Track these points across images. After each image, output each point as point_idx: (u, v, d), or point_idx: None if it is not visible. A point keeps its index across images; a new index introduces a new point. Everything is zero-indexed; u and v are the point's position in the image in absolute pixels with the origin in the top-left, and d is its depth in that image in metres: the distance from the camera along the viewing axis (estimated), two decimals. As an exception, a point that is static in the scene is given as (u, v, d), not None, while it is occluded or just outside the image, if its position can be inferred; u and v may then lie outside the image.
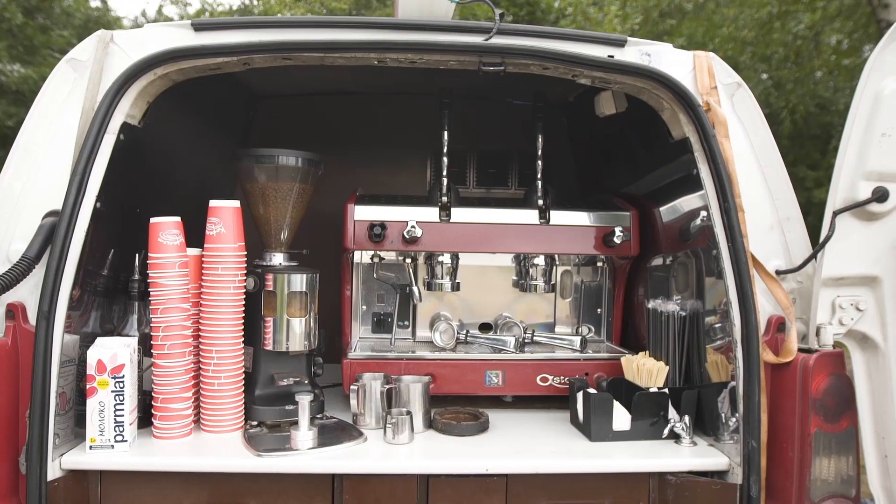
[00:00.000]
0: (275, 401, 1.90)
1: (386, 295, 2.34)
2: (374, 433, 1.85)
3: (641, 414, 1.84)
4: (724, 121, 1.72)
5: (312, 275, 1.92)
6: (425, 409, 1.90)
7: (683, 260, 2.10)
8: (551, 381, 2.10)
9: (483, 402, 2.12)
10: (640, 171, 2.39)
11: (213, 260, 1.82)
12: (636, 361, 1.96)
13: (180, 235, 1.79)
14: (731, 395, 1.79)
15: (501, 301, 2.37)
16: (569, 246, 2.16)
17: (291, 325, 1.89)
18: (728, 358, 1.80)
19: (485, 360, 2.10)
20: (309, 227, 2.16)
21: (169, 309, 1.75)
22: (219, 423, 1.82)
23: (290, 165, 1.98)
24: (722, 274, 1.73)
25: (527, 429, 1.94)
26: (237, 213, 1.86)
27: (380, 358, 2.08)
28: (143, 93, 1.76)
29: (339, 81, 2.72)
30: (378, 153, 2.89)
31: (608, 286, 2.39)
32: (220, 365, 1.82)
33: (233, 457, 1.67)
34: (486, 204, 2.21)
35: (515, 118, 2.79)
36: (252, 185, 1.99)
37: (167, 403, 1.76)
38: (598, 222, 2.17)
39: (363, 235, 2.08)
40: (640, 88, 1.84)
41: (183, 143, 2.35)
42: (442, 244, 2.12)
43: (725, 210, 1.68)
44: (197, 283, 1.86)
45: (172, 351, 1.76)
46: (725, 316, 1.81)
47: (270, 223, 2.01)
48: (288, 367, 1.96)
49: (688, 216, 2.00)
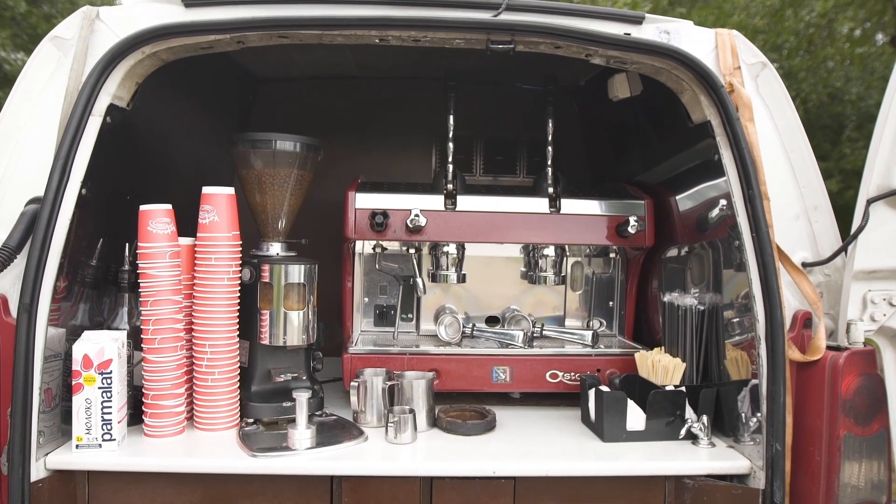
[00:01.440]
0: (272, 397, 1.82)
1: (389, 287, 2.24)
2: (375, 432, 1.76)
3: (657, 413, 1.74)
4: (749, 103, 1.61)
5: (311, 265, 1.83)
6: (429, 407, 1.82)
7: (700, 251, 2.00)
8: (561, 377, 2.00)
9: (490, 399, 2.03)
10: (655, 158, 2.28)
11: (206, 250, 1.73)
12: (651, 358, 1.86)
13: (171, 224, 1.70)
14: (751, 393, 1.70)
15: (509, 293, 2.27)
16: (580, 236, 2.06)
17: (289, 319, 1.80)
18: (749, 354, 1.71)
19: (491, 356, 2.01)
20: (309, 217, 2.07)
21: (159, 301, 1.67)
22: (212, 421, 1.73)
23: (287, 151, 1.88)
24: (745, 266, 1.63)
25: (535, 428, 1.85)
26: (231, 201, 1.76)
27: (382, 353, 1.99)
28: (132, 73, 1.66)
29: (342, 64, 2.61)
30: (382, 140, 2.80)
31: (621, 278, 2.29)
32: (213, 360, 1.73)
33: (226, 457, 1.59)
34: (493, 192, 2.11)
35: (524, 104, 2.70)
36: (248, 171, 1.89)
37: (158, 400, 1.67)
38: (611, 211, 2.07)
39: (364, 224, 1.98)
40: (657, 69, 1.73)
41: (178, 127, 2.25)
42: (447, 234, 2.03)
43: (749, 198, 1.58)
44: (190, 274, 1.78)
45: (163, 345, 1.67)
46: (746, 310, 1.71)
47: (267, 211, 1.92)
48: (286, 362, 1.87)
49: (706, 205, 1.90)
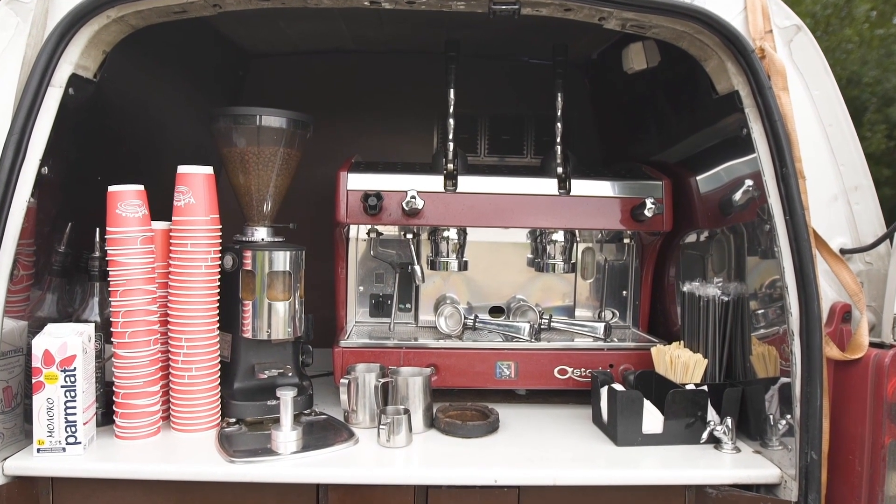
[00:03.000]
0: (256, 395, 1.68)
1: (385, 275, 2.09)
2: (367, 433, 1.62)
3: (676, 415, 1.59)
4: (783, 69, 1.44)
5: (297, 252, 1.68)
6: (426, 406, 1.67)
7: (723, 237, 1.83)
8: (571, 373, 1.85)
9: (493, 396, 1.88)
10: (674, 136, 2.10)
11: (182, 235, 1.59)
12: (669, 353, 1.70)
13: (143, 207, 1.55)
14: (781, 393, 1.54)
15: (514, 282, 2.11)
16: (592, 220, 1.89)
17: (273, 310, 1.65)
18: (778, 349, 1.55)
19: (495, 350, 1.85)
20: (302, 200, 1.92)
21: (130, 291, 1.52)
22: (190, 421, 1.59)
23: (272, 127, 1.72)
24: (774, 253, 1.46)
25: (542, 429, 1.69)
26: (209, 181, 1.61)
27: (376, 346, 1.84)
28: (97, 40, 1.50)
29: (337, 38, 2.44)
30: (380, 119, 2.63)
31: (635, 266, 2.13)
32: (190, 355, 1.59)
33: (201, 462, 1.44)
34: (497, 172, 1.95)
35: (531, 79, 2.53)
36: (230, 149, 1.74)
37: (130, 399, 1.53)
38: (625, 193, 1.90)
39: (357, 207, 1.82)
40: (679, 33, 1.55)
41: (158, 103, 2.10)
42: (447, 217, 1.86)
43: (783, 177, 1.40)
44: (165, 261, 1.63)
45: (135, 339, 1.53)
46: (773, 300, 1.55)
47: (252, 193, 1.76)
48: (271, 356, 1.73)
49: (730, 186, 1.73)
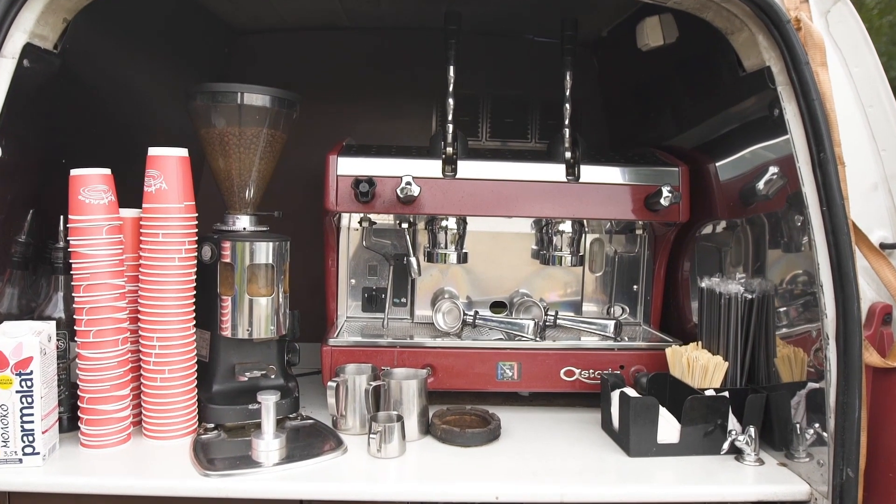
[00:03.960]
0: (237, 398, 1.54)
1: (379, 267, 1.95)
2: (357, 440, 1.49)
3: (694, 423, 1.45)
4: (821, 42, 1.29)
5: (280, 243, 1.53)
6: (421, 411, 1.53)
7: (746, 228, 1.69)
8: (578, 375, 1.71)
9: (493, 398, 1.75)
10: (690, 118, 1.95)
11: (153, 224, 1.44)
12: (687, 355, 1.56)
13: (109, 192, 1.40)
14: (808, 399, 1.41)
15: (517, 275, 1.97)
16: (602, 209, 1.74)
17: (255, 307, 1.51)
18: (807, 351, 1.41)
19: (497, 349, 1.71)
20: (292, 186, 1.78)
21: (95, 286, 1.38)
22: (164, 428, 1.46)
23: (255, 106, 1.57)
24: (806, 246, 1.33)
25: (548, 436, 1.56)
26: (183, 165, 1.46)
27: (368, 345, 1.70)
28: (55, 6, 1.35)
29: (330, 13, 2.28)
30: (375, 100, 2.47)
31: (647, 258, 1.99)
32: (163, 356, 1.45)
33: (173, 475, 1.31)
34: (500, 157, 1.80)
35: (537, 59, 2.37)
36: (208, 130, 1.59)
37: (96, 404, 1.40)
38: (639, 180, 1.75)
39: (347, 194, 1.67)
40: (704, 3, 1.40)
41: (135, 81, 1.94)
42: (445, 205, 1.72)
43: (821, 163, 1.26)
44: (135, 252, 1.49)
45: (101, 339, 1.39)
46: (797, 297, 1.42)
47: (232, 178, 1.62)
48: (254, 355, 1.59)
49: (755, 172, 1.58)
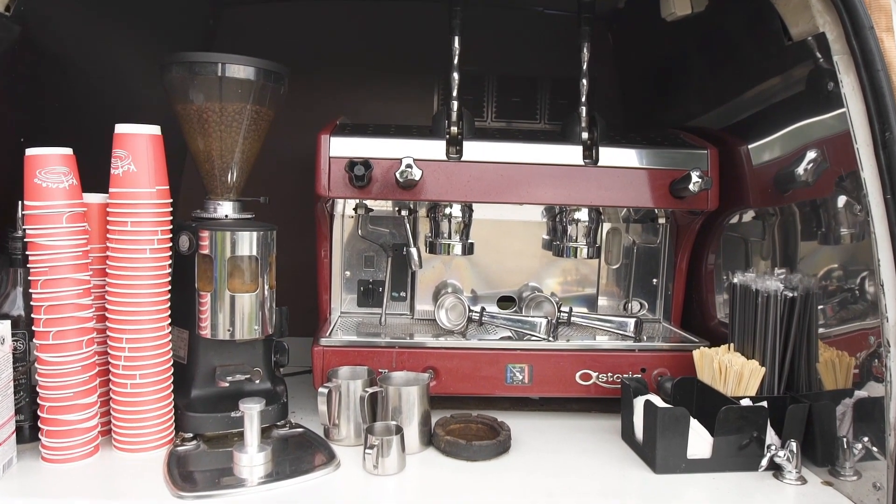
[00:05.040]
0: (218, 404, 1.39)
1: (376, 258, 1.79)
2: (351, 453, 1.34)
3: (728, 436, 1.30)
4: (888, 5, 1.12)
5: (265, 232, 1.37)
6: (422, 419, 1.38)
7: (782, 217, 1.53)
8: (595, 378, 1.56)
9: (502, 402, 1.60)
10: (717, 96, 1.78)
11: (121, 210, 1.28)
12: (718, 358, 1.41)
13: (71, 175, 1.24)
14: (856, 410, 1.26)
15: (527, 267, 1.81)
16: (623, 195, 1.57)
17: (236, 304, 1.35)
18: (851, 354, 1.26)
19: (506, 350, 1.55)
20: (277, 168, 1.62)
21: (55, 281, 1.22)
22: (135, 439, 1.30)
23: (237, 78, 1.40)
24: (860, 237, 1.18)
25: (562, 447, 1.41)
26: (154, 144, 1.29)
27: (364, 345, 1.54)
28: (4, -41, 1.18)
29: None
30: (373, 76, 2.29)
31: (668, 250, 1.83)
32: (134, 358, 1.29)
33: (142, 495, 1.16)
34: (510, 137, 1.63)
35: (547, 33, 2.20)
36: (186, 106, 1.42)
37: (58, 414, 1.24)
38: (664, 164, 1.58)
39: (341, 178, 1.51)
40: (746, -39, 1.23)
41: (107, 53, 1.77)
42: (450, 191, 1.55)
43: (885, 144, 1.09)
44: (102, 243, 1.32)
45: (63, 340, 1.23)
46: (839, 293, 1.27)
47: (213, 160, 1.45)
48: (237, 356, 1.44)
49: (794, 155, 1.42)
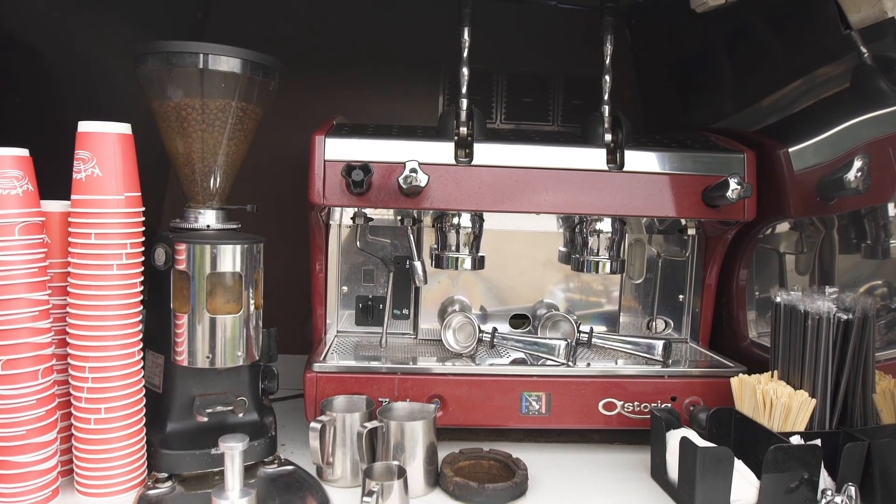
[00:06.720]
0: (197, 439, 1.22)
1: (376, 272, 1.62)
2: (347, 495, 1.17)
3: (776, 477, 1.14)
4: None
5: (250, 245, 1.21)
6: (428, 457, 1.22)
7: (818, 228, 1.38)
8: (620, 408, 1.40)
9: (515, 433, 1.44)
10: (750, 95, 1.63)
11: (83, 221, 1.12)
12: (762, 388, 1.24)
13: (26, 180, 1.07)
14: (921, 449, 1.10)
15: (542, 283, 1.65)
16: (650, 204, 1.41)
17: (217, 327, 1.19)
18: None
19: (521, 377, 1.39)
20: (267, 173, 1.47)
21: (6, 302, 1.06)
22: (99, 482, 1.14)
23: (221, 71, 1.25)
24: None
25: (586, 488, 1.25)
26: (124, 145, 1.13)
27: (362, 371, 1.38)
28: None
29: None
30: (373, 73, 2.14)
31: (695, 263, 1.67)
32: (98, 390, 1.13)
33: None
34: (524, 139, 1.47)
35: (560, 30, 2.05)
36: (163, 102, 1.26)
37: (10, 455, 1.07)
38: (696, 170, 1.43)
39: (337, 183, 1.35)
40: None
41: (79, 46, 1.61)
42: (459, 198, 1.39)
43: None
44: (64, 257, 1.16)
45: (15, 370, 1.06)
46: (885, 312, 1.12)
47: (193, 163, 1.29)
48: (219, 384, 1.27)
49: (843, 160, 1.27)
